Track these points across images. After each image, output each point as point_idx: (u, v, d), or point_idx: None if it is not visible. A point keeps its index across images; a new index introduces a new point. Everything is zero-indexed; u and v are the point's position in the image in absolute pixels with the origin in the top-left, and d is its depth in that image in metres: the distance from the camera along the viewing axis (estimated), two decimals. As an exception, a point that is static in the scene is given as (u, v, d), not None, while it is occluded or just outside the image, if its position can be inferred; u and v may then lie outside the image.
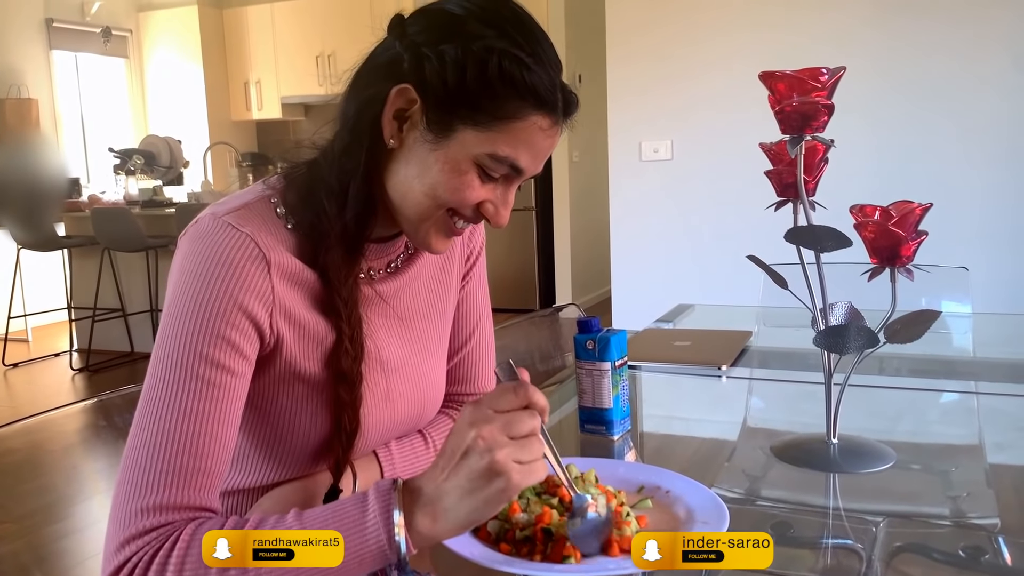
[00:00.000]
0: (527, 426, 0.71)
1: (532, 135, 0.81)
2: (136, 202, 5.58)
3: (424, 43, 0.81)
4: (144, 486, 0.75)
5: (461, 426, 0.71)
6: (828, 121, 0.95)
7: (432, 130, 0.81)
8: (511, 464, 0.69)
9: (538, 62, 0.80)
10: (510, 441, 0.70)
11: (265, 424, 0.89)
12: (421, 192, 0.84)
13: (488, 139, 0.80)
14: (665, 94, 3.92)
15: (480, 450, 0.69)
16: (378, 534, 0.71)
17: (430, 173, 0.82)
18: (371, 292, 0.92)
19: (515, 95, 0.79)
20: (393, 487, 0.72)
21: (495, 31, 0.80)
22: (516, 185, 0.86)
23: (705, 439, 1.39)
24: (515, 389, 0.72)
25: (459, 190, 0.82)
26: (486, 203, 0.85)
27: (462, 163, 0.81)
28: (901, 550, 0.94)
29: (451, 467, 0.71)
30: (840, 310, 1.05)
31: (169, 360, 0.78)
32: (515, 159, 0.82)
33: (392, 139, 0.83)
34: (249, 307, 0.80)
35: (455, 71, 0.79)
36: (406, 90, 0.81)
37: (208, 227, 0.82)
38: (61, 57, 6.83)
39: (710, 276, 3.83)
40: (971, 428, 1.38)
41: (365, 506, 0.72)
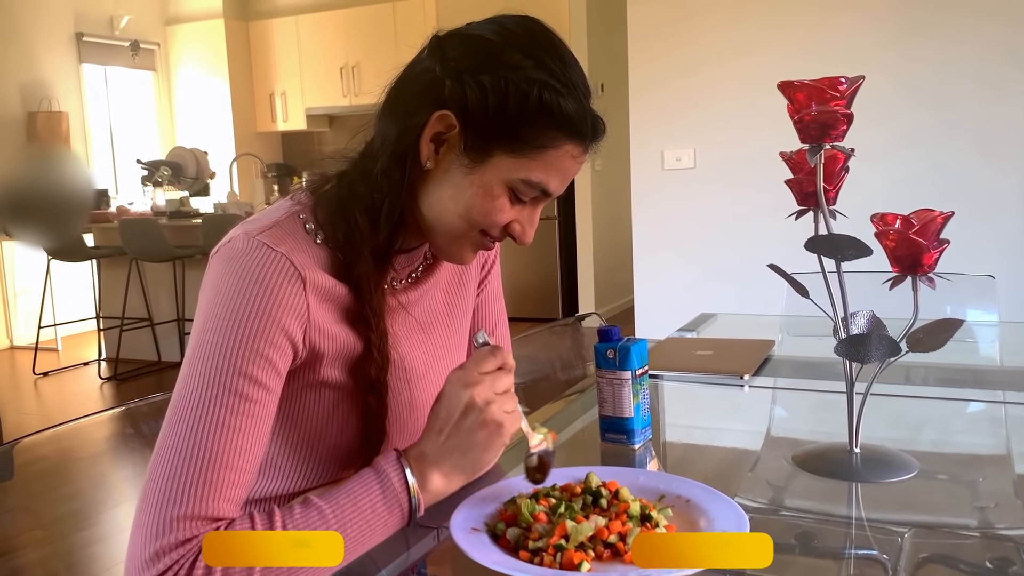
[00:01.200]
0: (506, 383, 0.85)
1: (563, 161, 0.86)
2: (163, 213, 5.66)
3: (465, 70, 0.83)
4: (176, 495, 0.76)
5: (454, 390, 0.83)
6: (847, 130, 0.95)
7: (469, 155, 0.85)
8: (501, 414, 0.83)
9: (571, 91, 0.85)
10: (496, 396, 0.83)
11: (296, 431, 0.91)
12: (455, 213, 0.87)
13: (523, 165, 0.84)
14: (688, 103, 3.92)
15: (478, 406, 0.82)
16: (398, 499, 0.81)
17: (464, 195, 0.86)
18: (394, 302, 0.95)
19: (552, 125, 0.84)
20: (400, 457, 0.83)
21: (533, 61, 0.83)
22: (542, 206, 0.91)
23: (728, 448, 1.38)
24: (494, 353, 0.85)
25: (491, 213, 0.86)
26: (513, 223, 0.89)
27: (495, 187, 0.85)
28: (927, 561, 0.93)
29: (450, 427, 0.82)
30: (862, 319, 1.05)
31: (205, 374, 0.80)
32: (546, 184, 0.86)
33: (429, 161, 0.86)
34: (286, 325, 0.83)
35: (497, 101, 0.82)
36: (446, 116, 0.84)
37: (243, 247, 0.84)
38: (91, 70, 6.95)
39: (733, 285, 3.81)
40: (999, 438, 1.36)
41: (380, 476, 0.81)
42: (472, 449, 0.83)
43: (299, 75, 7.32)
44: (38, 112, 6.36)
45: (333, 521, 0.78)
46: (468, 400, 0.82)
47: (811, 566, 0.95)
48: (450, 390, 0.84)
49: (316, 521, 0.78)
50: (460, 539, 0.83)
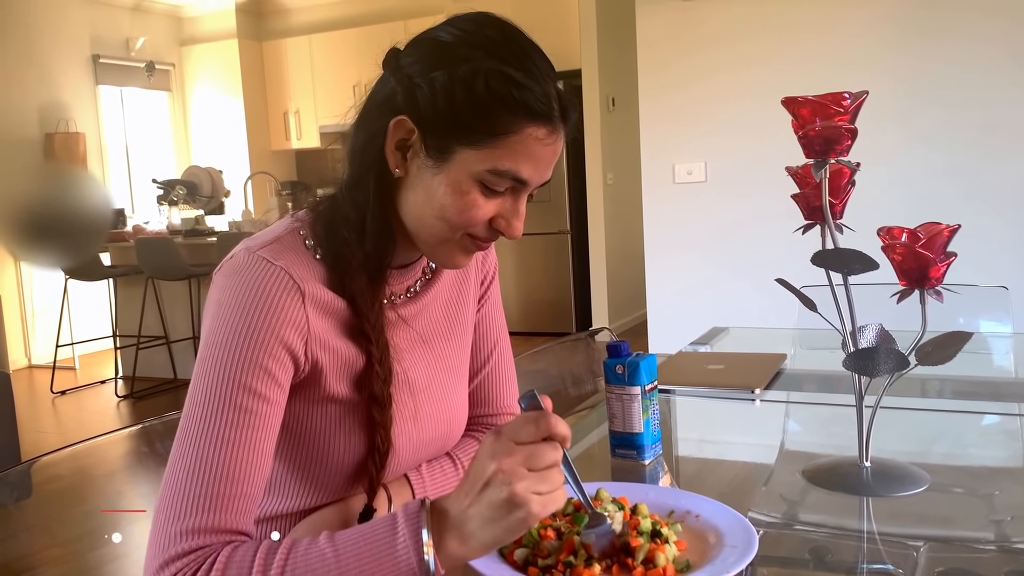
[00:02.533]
0: (547, 458, 0.72)
1: (530, 146, 0.83)
2: (179, 231, 5.70)
3: (416, 73, 0.84)
4: (183, 510, 0.77)
5: (482, 456, 0.73)
6: (852, 145, 0.95)
7: (432, 156, 0.85)
8: (530, 496, 0.71)
9: (528, 76, 0.82)
10: (529, 473, 0.71)
11: (301, 448, 0.92)
12: (431, 216, 0.87)
13: (486, 156, 0.83)
14: (698, 116, 3.92)
15: (499, 483, 0.71)
16: (407, 555, 0.73)
17: (436, 197, 0.85)
18: (395, 316, 0.95)
19: (505, 110, 0.82)
20: (421, 508, 0.74)
21: (482, 52, 0.83)
22: (525, 196, 0.88)
23: (740, 463, 1.38)
24: (536, 420, 0.73)
25: (465, 210, 0.85)
26: (497, 218, 0.87)
27: (463, 183, 0.84)
28: (943, 575, 0.93)
29: (473, 495, 0.73)
30: (871, 332, 1.05)
31: (209, 389, 0.81)
32: (516, 171, 0.84)
33: (397, 168, 0.87)
34: (286, 337, 0.83)
35: (445, 96, 0.82)
36: (403, 121, 0.85)
37: (244, 261, 0.85)
38: (107, 91, 7.04)
39: (745, 298, 3.80)
40: (1014, 450, 1.35)
41: (395, 528, 0.74)
42: (491, 525, 0.72)
43: (312, 93, 7.39)
44: (55, 133, 6.44)
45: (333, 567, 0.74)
46: (491, 473, 0.71)
47: None
48: (480, 454, 0.74)
49: (317, 563, 0.74)
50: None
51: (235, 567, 0.75)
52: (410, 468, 1.00)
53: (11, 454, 3.48)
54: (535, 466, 0.72)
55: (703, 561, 0.83)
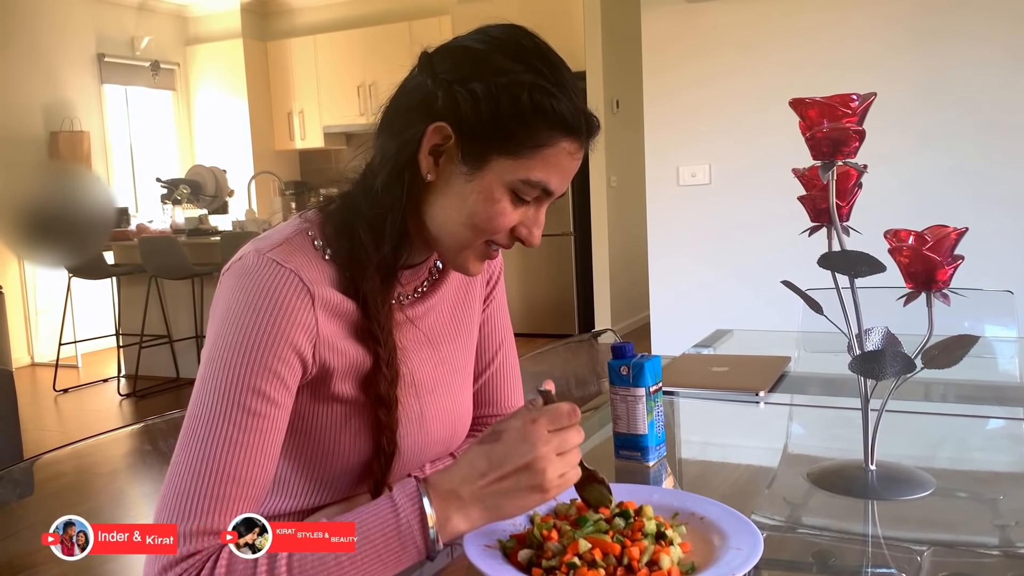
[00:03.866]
0: (574, 442, 0.80)
1: (561, 159, 0.86)
2: (182, 231, 5.70)
3: (455, 80, 0.85)
4: (187, 511, 0.77)
5: (516, 440, 0.78)
6: (859, 147, 0.95)
7: (467, 162, 0.86)
8: (554, 479, 0.78)
9: (562, 91, 0.85)
10: (558, 459, 0.78)
11: (307, 448, 0.91)
12: (459, 222, 0.88)
13: (521, 166, 0.85)
14: (703, 118, 3.92)
15: (536, 469, 0.77)
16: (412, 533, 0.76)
17: (467, 203, 0.87)
18: (402, 317, 0.96)
19: (546, 124, 0.84)
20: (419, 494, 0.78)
21: (522, 65, 0.84)
22: (546, 206, 0.90)
23: (744, 466, 1.37)
24: (570, 413, 0.80)
25: (494, 217, 0.87)
26: (519, 226, 0.89)
27: (496, 191, 0.86)
28: None
29: (497, 475, 0.77)
30: (877, 335, 1.04)
31: (216, 390, 0.81)
32: (547, 182, 0.86)
33: (430, 174, 0.87)
34: (296, 341, 0.83)
35: (489, 106, 0.83)
36: (441, 127, 0.85)
37: (254, 263, 0.85)
38: (112, 90, 7.04)
39: (749, 301, 3.79)
40: (1018, 455, 1.35)
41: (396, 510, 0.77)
42: (509, 503, 0.79)
43: (317, 94, 7.39)
44: (60, 132, 6.45)
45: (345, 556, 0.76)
46: (530, 460, 0.77)
47: None
48: (512, 438, 0.78)
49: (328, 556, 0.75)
50: (474, 556, 0.83)
51: (240, 566, 0.75)
52: (414, 468, 1.00)
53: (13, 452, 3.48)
54: (563, 450, 0.79)
55: (708, 563, 0.83)
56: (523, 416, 0.79)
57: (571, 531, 0.84)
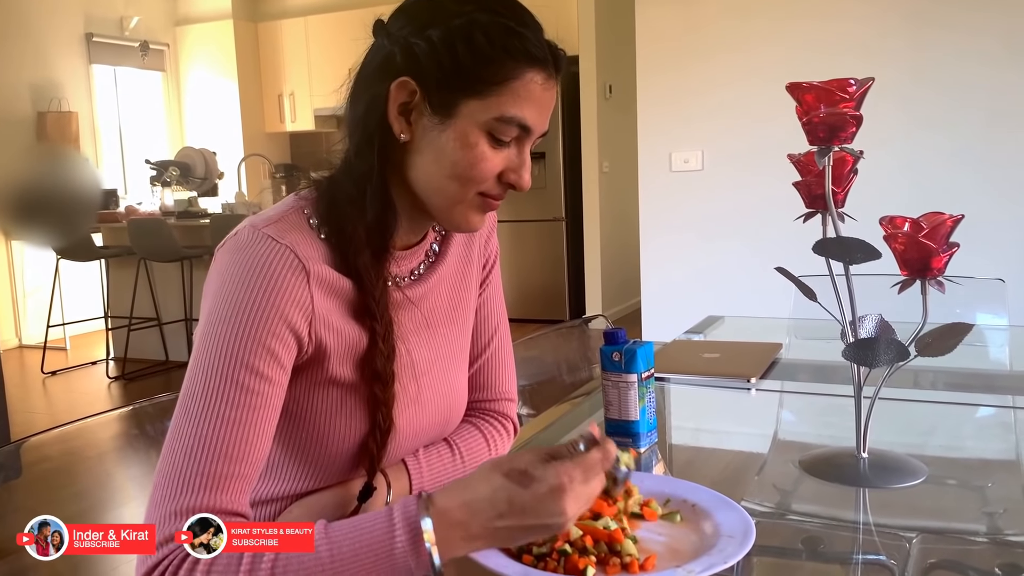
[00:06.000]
0: (596, 490, 0.76)
1: (531, 91, 0.84)
2: (172, 213, 5.66)
3: (410, 33, 0.84)
4: (180, 489, 0.77)
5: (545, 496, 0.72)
6: (856, 132, 0.94)
7: (437, 113, 0.84)
8: (570, 525, 0.75)
9: (522, 24, 0.84)
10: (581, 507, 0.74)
11: (300, 430, 0.91)
12: (442, 176, 0.86)
13: (492, 104, 0.83)
14: (695, 104, 3.91)
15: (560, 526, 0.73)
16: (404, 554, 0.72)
17: (445, 154, 0.85)
18: (400, 297, 0.94)
19: (508, 57, 0.83)
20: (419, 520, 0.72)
21: (473, 5, 0.84)
22: (529, 145, 0.88)
23: (735, 452, 1.37)
24: (602, 462, 0.75)
25: (475, 163, 0.85)
26: (506, 171, 0.88)
27: (471, 135, 0.84)
28: (935, 567, 0.92)
29: (521, 523, 0.73)
30: (870, 323, 1.04)
31: (210, 367, 0.80)
32: (522, 116, 0.85)
33: (403, 133, 0.86)
34: (290, 317, 0.82)
35: (446, 50, 0.82)
36: (405, 82, 0.84)
37: (249, 239, 0.84)
38: (100, 71, 6.96)
39: (741, 287, 3.80)
40: (1008, 443, 1.35)
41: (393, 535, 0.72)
42: (517, 541, 0.77)
43: (308, 76, 7.33)
44: (48, 112, 6.38)
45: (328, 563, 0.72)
46: (560, 522, 0.72)
47: (818, 571, 0.95)
48: (542, 492, 0.72)
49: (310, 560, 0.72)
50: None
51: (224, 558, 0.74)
52: (408, 453, 0.99)
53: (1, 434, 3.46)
54: (587, 498, 0.75)
55: (700, 551, 0.82)
56: (558, 472, 0.72)
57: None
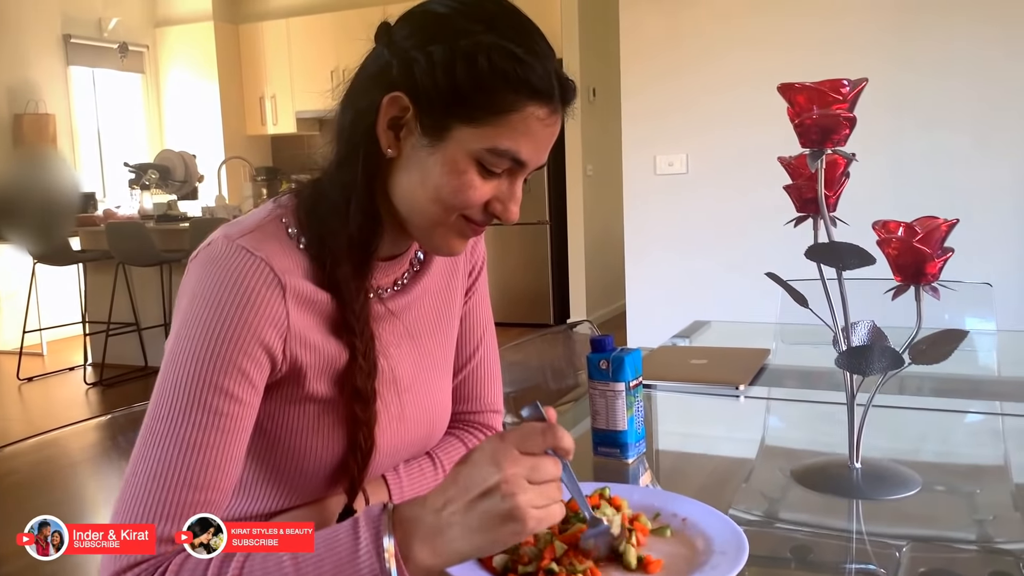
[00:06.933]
0: (550, 472, 0.70)
1: (530, 126, 0.79)
2: (151, 217, 5.60)
3: (412, 47, 0.80)
4: (142, 517, 0.73)
5: (481, 461, 0.69)
6: (850, 134, 0.92)
7: (428, 134, 0.80)
8: (529, 510, 0.68)
9: (529, 52, 0.78)
10: (531, 486, 0.68)
11: (275, 448, 0.86)
12: (426, 199, 0.82)
13: (485, 134, 0.79)
14: (680, 107, 3.90)
15: (503, 494, 0.67)
16: (372, 563, 0.69)
17: (431, 177, 0.81)
18: (382, 309, 0.90)
19: (508, 88, 0.78)
20: (383, 513, 0.70)
21: (483, 26, 0.78)
22: (522, 178, 0.84)
23: (722, 460, 1.36)
24: (543, 432, 0.71)
25: (461, 191, 0.81)
26: (493, 201, 0.83)
27: (460, 162, 0.80)
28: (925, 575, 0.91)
29: (464, 502, 0.69)
30: (862, 329, 1.02)
31: (177, 388, 0.76)
32: (516, 151, 0.80)
33: (390, 148, 0.82)
34: (264, 336, 0.78)
35: (444, 71, 0.78)
36: (398, 97, 0.80)
37: (221, 251, 0.80)
38: (78, 72, 6.88)
39: (727, 292, 3.79)
40: (997, 449, 1.34)
41: (357, 535, 0.70)
42: (477, 535, 0.69)
43: (289, 78, 7.27)
44: (24, 114, 6.29)
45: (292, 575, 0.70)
46: (493, 483, 0.67)
47: None
48: (478, 458, 0.70)
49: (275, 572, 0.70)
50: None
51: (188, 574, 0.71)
52: (389, 468, 0.95)
53: (-26, 442, 3.40)
54: (537, 479, 0.69)
55: (692, 568, 0.80)
56: (492, 437, 0.71)
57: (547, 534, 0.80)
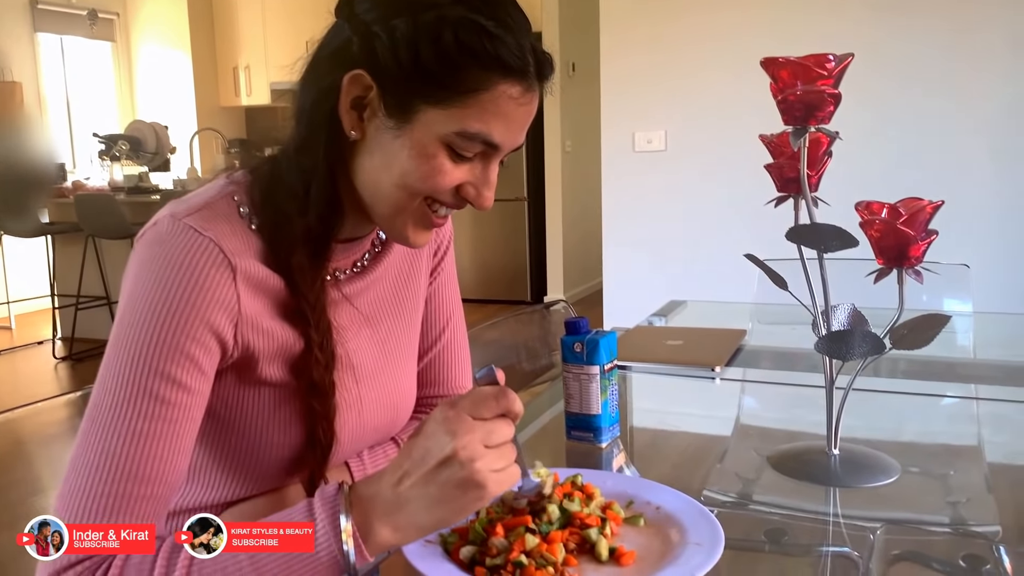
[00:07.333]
0: (504, 435, 0.68)
1: (503, 105, 0.74)
2: (121, 188, 5.49)
3: (374, 21, 0.74)
4: (83, 511, 0.69)
5: (435, 431, 0.67)
6: (834, 112, 0.89)
7: (392, 115, 0.75)
8: (489, 474, 0.66)
9: (500, 25, 0.73)
10: (487, 451, 0.66)
11: (228, 437, 0.82)
12: (391, 184, 0.77)
13: (454, 116, 0.74)
14: (659, 83, 3.85)
15: (460, 461, 0.65)
16: (329, 545, 0.66)
17: (397, 161, 0.76)
18: (337, 294, 0.86)
19: (476, 65, 0.72)
20: (339, 493, 0.68)
21: None
22: (496, 162, 0.79)
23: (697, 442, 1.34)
24: (496, 396, 0.68)
25: (430, 176, 0.76)
26: (465, 185, 0.78)
27: (429, 146, 0.75)
28: (899, 559, 0.90)
29: (418, 474, 0.66)
30: (843, 313, 0.99)
31: (121, 375, 0.72)
32: (487, 134, 0.75)
33: (353, 130, 0.77)
34: (213, 320, 0.74)
35: (407, 48, 0.72)
36: (359, 76, 0.75)
37: (168, 230, 0.75)
38: (46, 40, 6.72)
39: (703, 271, 3.77)
40: (970, 432, 1.33)
41: (312, 516, 0.67)
42: (438, 506, 0.66)
43: (264, 48, 7.14)
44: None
45: (246, 562, 0.67)
46: (450, 451, 0.65)
47: (781, 563, 0.92)
48: (431, 429, 0.67)
49: (228, 560, 0.67)
50: (411, 553, 0.76)
51: (132, 572, 0.67)
52: (351, 455, 0.92)
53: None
54: (492, 443, 0.67)
55: (666, 560, 0.77)
56: (443, 404, 0.69)
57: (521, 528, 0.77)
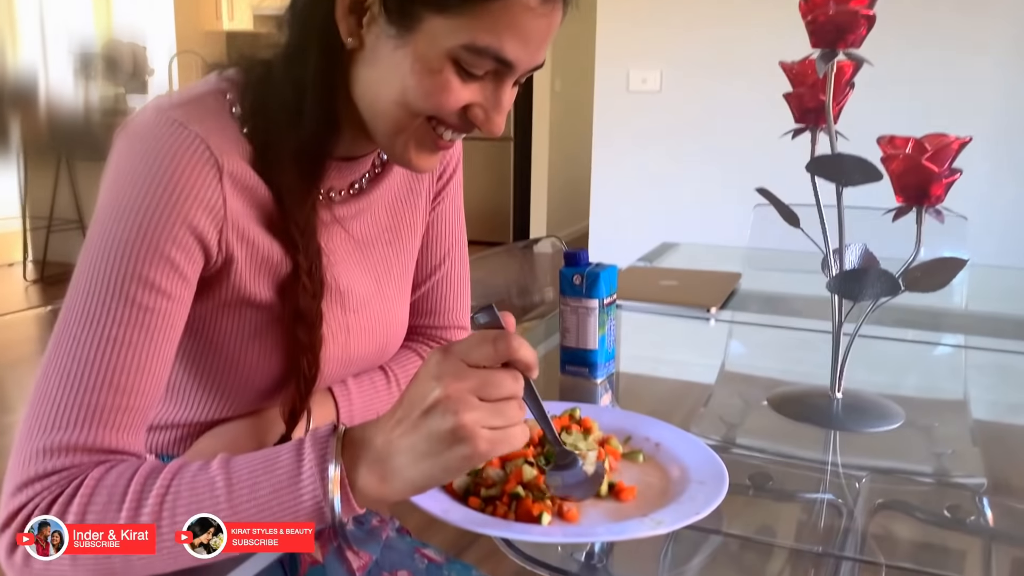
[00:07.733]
0: (505, 388, 0.60)
1: (518, 16, 0.66)
2: (96, 110, 5.34)
3: None
4: (53, 422, 0.63)
5: (425, 377, 0.60)
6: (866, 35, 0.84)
7: (394, 23, 0.68)
8: (479, 430, 0.58)
9: None
10: (481, 404, 0.59)
11: (208, 354, 0.77)
12: (390, 99, 0.70)
13: (462, 27, 0.66)
14: (656, 20, 3.76)
15: (443, 410, 0.58)
16: (315, 490, 0.60)
17: (398, 75, 0.69)
18: (329, 217, 0.80)
19: None
20: (331, 435, 0.62)
21: None
22: (509, 82, 0.71)
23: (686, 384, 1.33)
24: (494, 340, 0.60)
25: (434, 93, 0.68)
26: (474, 107, 0.71)
27: (434, 60, 0.67)
28: (884, 507, 0.90)
29: (408, 422, 0.60)
30: (854, 253, 0.95)
31: (96, 278, 0.66)
32: (498, 49, 0.67)
33: (350, 37, 0.70)
34: (195, 221, 0.68)
35: None
36: None
37: (151, 123, 0.69)
38: (19, -50, 6.45)
39: (694, 215, 3.74)
40: (958, 384, 1.33)
41: (300, 458, 0.61)
42: (425, 460, 0.59)
43: (247, -30, 6.92)
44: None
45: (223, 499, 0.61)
46: (434, 399, 0.59)
47: (766, 508, 0.90)
48: (421, 373, 0.61)
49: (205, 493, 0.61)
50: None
51: (104, 493, 0.61)
52: (336, 381, 0.87)
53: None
54: (489, 396, 0.59)
55: (667, 498, 0.74)
56: (439, 348, 0.61)
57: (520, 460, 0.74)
